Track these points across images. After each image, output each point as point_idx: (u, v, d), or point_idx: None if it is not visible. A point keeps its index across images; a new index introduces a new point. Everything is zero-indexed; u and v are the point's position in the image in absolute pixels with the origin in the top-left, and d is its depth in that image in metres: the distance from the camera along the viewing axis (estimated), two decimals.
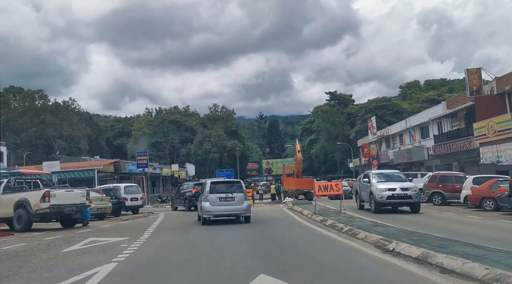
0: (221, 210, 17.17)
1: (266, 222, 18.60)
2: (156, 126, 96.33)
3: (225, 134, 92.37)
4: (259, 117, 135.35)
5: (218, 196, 17.15)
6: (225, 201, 17.13)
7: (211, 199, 17.08)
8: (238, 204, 17.21)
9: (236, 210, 17.39)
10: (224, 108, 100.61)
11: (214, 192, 17.28)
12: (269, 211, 26.66)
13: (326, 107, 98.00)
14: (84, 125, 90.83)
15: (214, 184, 18.23)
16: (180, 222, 21.34)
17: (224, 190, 17.59)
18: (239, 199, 17.28)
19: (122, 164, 50.63)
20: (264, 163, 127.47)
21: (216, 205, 17.00)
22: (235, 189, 17.67)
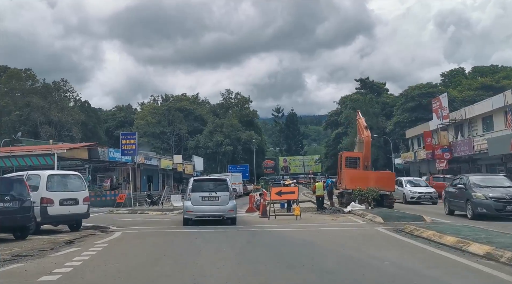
0: (204, 210, 15.79)
1: None
2: (161, 115, 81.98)
3: (240, 124, 77.57)
4: (275, 110, 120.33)
5: (201, 194, 15.80)
6: (208, 200, 15.73)
7: (193, 198, 15.71)
8: (222, 204, 15.77)
9: (220, 210, 15.86)
10: (239, 94, 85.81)
11: (196, 190, 15.96)
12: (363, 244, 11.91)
13: (357, 96, 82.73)
14: (77, 111, 76.87)
15: (198, 181, 16.95)
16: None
17: (208, 188, 16.15)
18: (223, 198, 15.82)
19: (101, 149, 36.00)
20: (281, 160, 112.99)
21: (198, 205, 15.65)
22: (220, 188, 16.17)
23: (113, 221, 18.72)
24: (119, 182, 35.98)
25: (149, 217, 21.18)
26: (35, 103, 69.49)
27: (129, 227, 16.18)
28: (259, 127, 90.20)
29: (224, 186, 16.58)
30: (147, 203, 33.42)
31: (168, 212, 23.26)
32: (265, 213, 19.26)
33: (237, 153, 77.20)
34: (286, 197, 18.18)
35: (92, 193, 31.05)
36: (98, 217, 21.26)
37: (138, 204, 35.51)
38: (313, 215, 19.45)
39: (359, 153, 24.12)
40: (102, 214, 23.59)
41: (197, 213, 15.81)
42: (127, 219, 20.01)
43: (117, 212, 23.89)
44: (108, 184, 34.14)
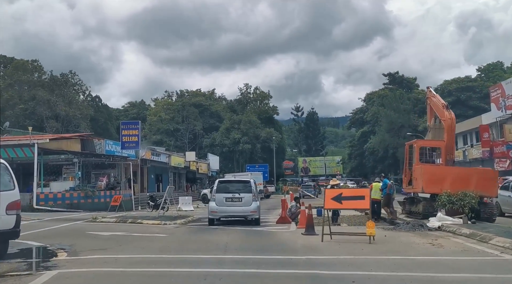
0: (228, 211, 15.74)
1: None
2: (175, 111, 75.52)
3: (259, 121, 70.59)
4: (295, 109, 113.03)
5: (225, 196, 15.82)
6: (232, 201, 15.76)
7: (217, 199, 15.80)
8: (245, 205, 15.68)
9: (243, 211, 15.78)
10: (258, 89, 78.69)
11: (221, 191, 16.03)
12: None
13: (385, 91, 75.18)
14: (86, 105, 70.98)
15: (222, 183, 17.03)
16: None
17: (232, 189, 16.19)
18: (247, 199, 15.76)
19: (97, 141, 29.46)
20: (301, 161, 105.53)
21: (222, 205, 15.64)
22: (244, 189, 16.15)
23: (78, 238, 12.03)
24: (117, 180, 29.45)
25: (140, 230, 14.42)
26: (41, 96, 63.83)
27: (92, 252, 9.42)
28: (279, 124, 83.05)
29: (247, 187, 16.38)
30: (149, 206, 26.78)
31: (169, 221, 16.53)
32: (311, 229, 12.38)
33: (255, 152, 70.24)
34: (350, 205, 11.23)
35: (82, 194, 24.61)
36: (67, 229, 14.67)
37: (140, 207, 29.03)
38: (389, 234, 12.38)
39: (440, 142, 16.86)
40: (78, 223, 16.97)
41: (221, 213, 15.82)
42: (105, 233, 13.28)
43: (101, 220, 17.25)
44: (103, 182, 27.59)
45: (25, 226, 14.23)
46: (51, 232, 13.75)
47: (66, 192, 25.06)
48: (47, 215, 21.41)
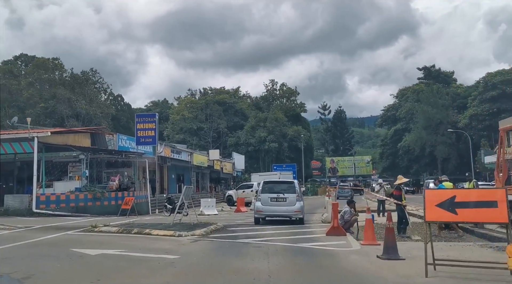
0: (272, 210, 15.98)
1: None
2: (199, 109, 71.94)
3: (285, 118, 66.26)
4: (322, 107, 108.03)
5: (270, 196, 16.04)
6: (277, 201, 15.91)
7: (262, 199, 16.02)
8: (290, 205, 15.77)
9: (287, 211, 15.86)
10: (285, 85, 74.28)
11: (266, 191, 16.27)
12: None
13: (420, 86, 69.82)
14: (107, 104, 68.23)
15: (267, 183, 17.11)
16: None
17: (277, 190, 16.32)
18: (291, 199, 15.84)
19: (109, 136, 25.84)
20: (328, 161, 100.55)
21: (267, 205, 15.88)
22: (288, 190, 16.21)
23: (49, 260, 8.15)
24: (132, 180, 25.69)
25: (143, 246, 10.43)
26: (61, 95, 61.27)
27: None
28: (307, 122, 78.44)
29: (292, 187, 16.47)
30: (166, 210, 22.96)
31: (186, 232, 12.51)
32: (392, 251, 8.16)
33: (282, 151, 65.96)
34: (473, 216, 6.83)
35: (90, 195, 20.91)
36: (47, 244, 10.83)
37: (157, 211, 25.24)
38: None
39: None
40: (70, 233, 13.10)
41: (266, 212, 16.01)
42: (94, 251, 9.35)
43: (100, 230, 13.41)
44: (115, 182, 23.83)
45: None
46: (20, 249, 9.92)
47: (71, 194, 21.43)
48: (46, 220, 17.78)
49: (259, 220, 16.15)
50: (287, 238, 11.68)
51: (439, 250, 8.11)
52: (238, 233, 13.08)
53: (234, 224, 16.34)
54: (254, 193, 32.85)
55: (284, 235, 12.56)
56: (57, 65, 66.70)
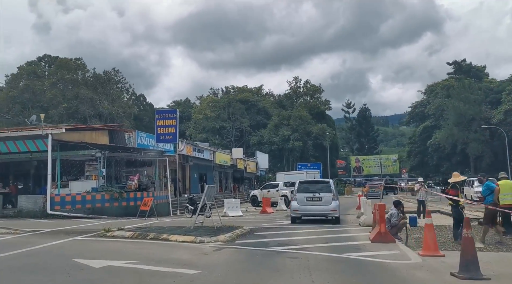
0: (308, 210, 16.12)
1: None
2: (221, 108, 70.61)
3: (310, 116, 64.20)
4: (346, 105, 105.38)
5: (306, 195, 16.22)
6: (312, 200, 16.08)
7: (298, 198, 16.20)
8: (325, 204, 15.95)
9: (323, 210, 16.04)
10: (309, 83, 72.15)
11: (301, 191, 16.47)
12: None
13: (451, 81, 66.71)
14: (129, 104, 67.59)
15: (303, 183, 17.50)
16: None
17: (312, 189, 16.55)
18: (327, 199, 15.99)
19: (127, 134, 24.51)
20: (353, 160, 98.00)
21: (303, 204, 16.05)
22: (324, 189, 16.40)
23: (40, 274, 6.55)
24: (152, 180, 24.27)
25: (158, 257, 8.82)
26: (84, 95, 60.85)
27: None
28: (332, 120, 76.09)
29: (327, 187, 16.59)
30: (188, 211, 21.41)
31: (208, 237, 10.86)
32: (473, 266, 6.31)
33: (306, 149, 64.00)
34: None
35: (107, 196, 19.53)
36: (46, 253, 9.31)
37: (179, 212, 23.79)
38: None
39: None
40: (78, 239, 11.60)
41: (303, 212, 16.13)
42: (98, 262, 7.78)
43: (112, 235, 11.89)
44: (134, 182, 22.43)
45: None
46: (15, 260, 8.44)
47: (88, 194, 20.11)
48: (58, 223, 16.46)
49: (295, 219, 16.37)
50: (326, 246, 9.88)
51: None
52: (268, 239, 11.36)
53: (261, 227, 14.62)
54: (279, 192, 31.17)
55: (322, 241, 10.77)
56: (79, 66, 66.33)
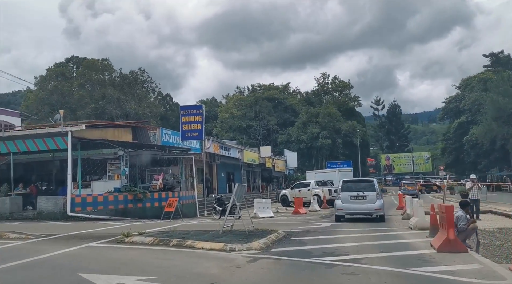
0: (353, 208, 16.16)
1: None
2: (247, 106, 69.20)
3: (339, 113, 61.95)
4: (375, 102, 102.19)
5: (350, 194, 16.26)
6: (357, 199, 16.13)
7: (342, 197, 16.29)
8: (370, 203, 15.95)
9: (368, 209, 16.05)
10: (337, 79, 69.81)
11: (345, 190, 16.51)
12: None
13: (488, 74, 63.15)
14: (155, 103, 66.94)
15: (346, 182, 17.36)
16: None
17: (356, 188, 16.58)
18: (371, 197, 16.00)
19: (151, 130, 23.20)
20: (383, 158, 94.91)
21: (347, 203, 16.14)
22: (368, 188, 16.40)
23: None
24: (177, 179, 22.86)
25: (180, 270, 7.26)
26: (111, 95, 60.56)
27: None
28: (362, 117, 73.42)
29: (371, 186, 16.57)
30: (215, 212, 19.90)
31: (239, 244, 9.25)
32: None
33: (336, 148, 61.77)
34: None
35: (130, 196, 18.22)
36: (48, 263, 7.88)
37: (206, 213, 22.35)
38: None
39: None
40: (92, 245, 10.14)
41: (347, 210, 16.15)
42: (106, 279, 6.26)
43: (131, 240, 10.42)
44: (159, 181, 21.06)
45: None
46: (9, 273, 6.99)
47: (110, 194, 18.84)
48: (77, 226, 15.17)
49: (339, 218, 16.31)
50: (384, 256, 8.09)
51: None
52: (310, 246, 9.64)
53: (298, 230, 12.91)
54: (311, 192, 29.40)
55: (375, 249, 8.99)
56: (106, 66, 66.07)
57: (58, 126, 18.43)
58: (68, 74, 65.48)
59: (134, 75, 66.23)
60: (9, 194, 19.17)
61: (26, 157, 22.34)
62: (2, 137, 18.57)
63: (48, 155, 22.76)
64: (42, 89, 61.84)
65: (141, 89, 66.73)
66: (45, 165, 22.94)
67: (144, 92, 67.32)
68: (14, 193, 19.57)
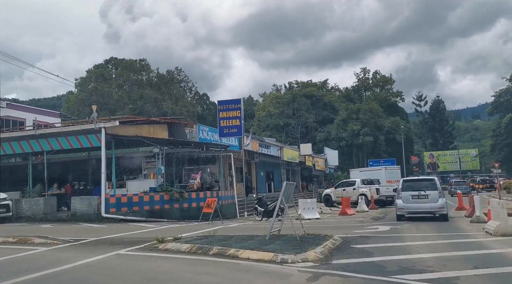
0: (414, 208, 15.90)
1: None
2: (285, 104, 67.47)
3: (381, 109, 59.13)
4: (417, 98, 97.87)
5: (411, 193, 15.94)
6: (418, 198, 15.80)
7: (403, 197, 16.01)
8: (432, 202, 15.58)
9: (430, 208, 15.71)
10: (378, 73, 66.82)
11: (406, 189, 16.22)
12: None
13: None
14: (192, 103, 66.33)
15: (407, 181, 17.33)
16: None
17: (417, 187, 16.20)
18: (433, 196, 15.65)
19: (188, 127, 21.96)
20: (426, 155, 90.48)
21: (409, 203, 15.86)
22: (429, 187, 16.04)
23: None
24: (216, 178, 21.50)
25: None
26: (148, 95, 60.51)
27: None
28: (405, 113, 70.04)
29: (433, 184, 16.30)
30: (257, 213, 18.37)
31: (292, 254, 7.62)
32: None
33: (378, 145, 59.00)
34: None
35: (166, 196, 17.02)
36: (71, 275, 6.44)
37: (246, 214, 20.87)
38: None
39: None
40: (122, 253, 8.75)
41: (408, 210, 15.96)
42: None
43: (165, 247, 9.00)
44: (197, 181, 19.76)
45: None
46: None
47: (145, 195, 17.65)
48: (110, 228, 14.04)
49: (401, 217, 16.17)
50: (483, 275, 6.24)
51: None
52: (379, 257, 7.87)
53: (354, 236, 11.14)
54: (357, 191, 27.47)
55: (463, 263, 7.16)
56: (143, 66, 66.15)
57: (91, 123, 17.41)
58: (107, 75, 66.00)
59: (171, 74, 65.98)
60: (43, 194, 18.34)
61: (61, 156, 21.66)
62: (35, 136, 17.76)
63: (84, 153, 21.99)
64: (82, 91, 62.56)
65: (178, 89, 66.41)
66: (81, 164, 22.18)
67: (181, 91, 66.97)
68: (49, 193, 18.76)
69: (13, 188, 19.64)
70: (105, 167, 17.11)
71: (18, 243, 10.27)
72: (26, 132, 18.71)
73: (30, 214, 17.61)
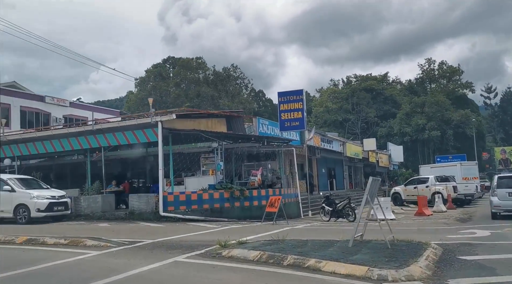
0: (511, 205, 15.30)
1: None
2: (343, 99, 64.85)
3: (449, 101, 54.94)
4: (486, 90, 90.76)
5: (508, 191, 15.50)
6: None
7: (499, 194, 15.66)
8: None
9: None
10: (445, 64, 62.25)
11: (502, 186, 15.80)
12: None
13: None
14: (249, 100, 65.39)
15: (501, 178, 16.71)
16: None
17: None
18: None
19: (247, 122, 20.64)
20: (497, 151, 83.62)
21: (505, 200, 15.45)
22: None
23: None
24: (277, 175, 20.00)
25: None
26: (205, 93, 60.44)
27: None
28: (475, 105, 64.93)
29: None
30: (324, 212, 16.68)
31: (394, 270, 5.90)
32: None
33: (446, 140, 54.86)
34: None
35: (226, 194, 15.82)
36: None
37: (310, 213, 19.25)
38: None
39: None
40: (180, 261, 7.46)
41: (506, 207, 15.50)
42: None
43: (229, 254, 7.65)
44: (257, 177, 18.37)
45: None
46: None
47: (204, 192, 16.50)
48: (168, 228, 13.01)
49: (496, 215, 15.77)
50: None
51: None
52: (506, 276, 5.97)
53: (452, 242, 9.19)
54: (431, 189, 25.05)
55: None
56: (200, 64, 66.12)
57: (147, 117, 16.52)
58: (165, 74, 66.65)
59: (227, 72, 65.45)
60: (101, 192, 17.74)
61: (120, 152, 21.11)
62: (93, 131, 17.17)
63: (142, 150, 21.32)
64: (142, 90, 63.65)
65: (234, 86, 65.78)
66: (139, 161, 21.54)
67: (237, 88, 66.29)
68: (107, 191, 18.15)
69: (72, 185, 19.31)
70: (163, 163, 16.15)
71: (69, 246, 9.32)
72: (84, 128, 18.24)
73: (89, 211, 17.05)
